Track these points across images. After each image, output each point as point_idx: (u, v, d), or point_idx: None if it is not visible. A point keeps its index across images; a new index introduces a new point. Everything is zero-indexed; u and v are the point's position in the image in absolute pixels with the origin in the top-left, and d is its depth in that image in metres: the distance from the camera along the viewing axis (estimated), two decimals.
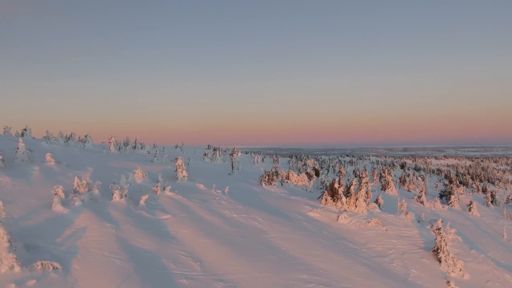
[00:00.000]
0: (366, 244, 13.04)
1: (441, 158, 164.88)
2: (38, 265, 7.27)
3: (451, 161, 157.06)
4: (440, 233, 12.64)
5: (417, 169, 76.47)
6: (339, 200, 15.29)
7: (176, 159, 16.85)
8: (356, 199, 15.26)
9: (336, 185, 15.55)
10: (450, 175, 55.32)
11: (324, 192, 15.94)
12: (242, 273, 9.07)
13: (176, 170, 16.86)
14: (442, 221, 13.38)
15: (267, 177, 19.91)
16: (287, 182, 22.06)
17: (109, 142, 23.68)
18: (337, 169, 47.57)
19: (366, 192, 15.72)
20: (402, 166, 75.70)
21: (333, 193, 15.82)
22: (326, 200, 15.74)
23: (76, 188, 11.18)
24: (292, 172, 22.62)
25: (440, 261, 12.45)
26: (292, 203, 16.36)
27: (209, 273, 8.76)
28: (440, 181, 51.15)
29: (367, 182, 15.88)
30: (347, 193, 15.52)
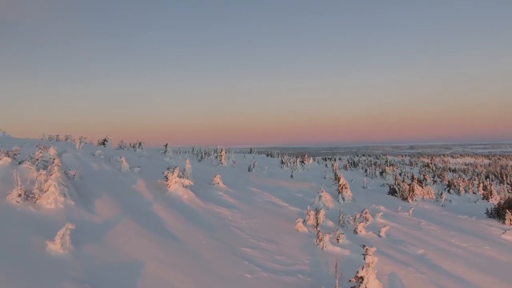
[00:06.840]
0: None
1: (457, 157, 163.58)
2: None
3: (468, 160, 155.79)
4: None
5: (442, 169, 75.32)
6: None
7: (339, 178, 15.88)
8: None
9: None
10: (502, 176, 54.49)
11: (507, 212, 15.00)
12: None
13: (337, 190, 15.91)
14: None
15: (408, 192, 18.96)
16: (413, 195, 21.12)
17: (221, 156, 22.73)
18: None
19: None
20: (425, 165, 75.16)
21: None
22: (510, 220, 14.82)
23: (318, 220, 10.23)
24: (416, 184, 21.67)
25: None
26: (466, 223, 15.45)
27: None
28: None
29: None
30: None
